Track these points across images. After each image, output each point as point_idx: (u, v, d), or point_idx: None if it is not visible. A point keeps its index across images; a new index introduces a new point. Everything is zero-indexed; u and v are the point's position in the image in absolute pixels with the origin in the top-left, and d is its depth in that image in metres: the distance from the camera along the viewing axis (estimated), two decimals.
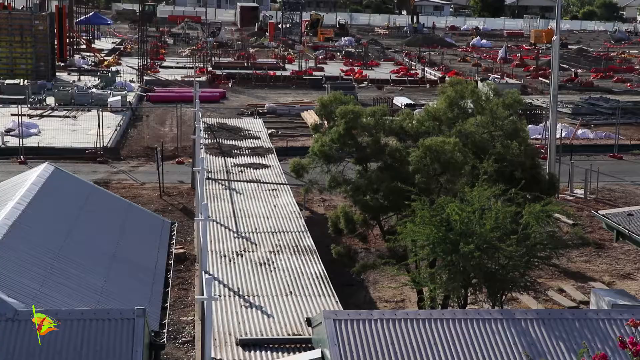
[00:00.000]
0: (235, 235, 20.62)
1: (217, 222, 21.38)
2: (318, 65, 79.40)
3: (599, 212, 25.30)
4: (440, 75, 70.93)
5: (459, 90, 22.82)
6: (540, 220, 17.64)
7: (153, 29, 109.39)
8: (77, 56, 78.38)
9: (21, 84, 56.04)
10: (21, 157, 38.68)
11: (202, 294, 14.00)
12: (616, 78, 76.55)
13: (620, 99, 60.60)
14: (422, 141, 20.39)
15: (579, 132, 47.35)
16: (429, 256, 18.00)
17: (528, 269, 17.87)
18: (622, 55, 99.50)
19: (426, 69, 76.76)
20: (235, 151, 29.93)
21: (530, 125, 39.19)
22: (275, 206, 23.22)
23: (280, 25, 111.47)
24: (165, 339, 14.47)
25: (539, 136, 43.64)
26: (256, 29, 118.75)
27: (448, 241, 17.02)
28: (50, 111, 50.22)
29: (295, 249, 19.69)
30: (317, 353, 13.32)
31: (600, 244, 28.96)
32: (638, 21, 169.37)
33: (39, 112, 49.50)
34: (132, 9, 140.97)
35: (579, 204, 34.13)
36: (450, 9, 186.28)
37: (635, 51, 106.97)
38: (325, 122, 24.45)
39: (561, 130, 42.74)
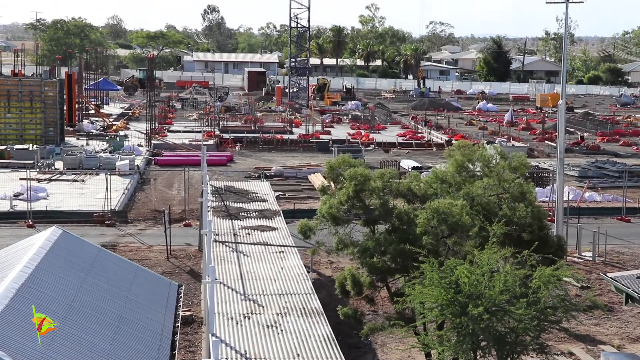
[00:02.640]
0: (243, 297, 20.52)
1: (224, 285, 21.30)
2: (325, 128, 79.89)
3: (607, 274, 25.14)
4: (447, 139, 71.22)
5: (467, 154, 22.95)
6: (549, 284, 17.56)
7: (151, 92, 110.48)
8: (85, 121, 79.07)
9: (30, 148, 56.45)
10: (29, 220, 38.77)
11: (209, 357, 13.90)
12: (622, 142, 76.79)
13: (627, 162, 60.71)
14: (430, 203, 20.43)
15: (586, 195, 47.33)
16: (438, 318, 17.89)
17: (538, 332, 17.72)
18: (628, 119, 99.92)
19: (432, 132, 77.12)
20: (243, 214, 29.94)
21: (537, 188, 39.20)
22: (282, 268, 23.14)
23: (287, 90, 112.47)
24: None
25: (546, 199, 43.65)
26: (263, 93, 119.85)
27: (457, 303, 16.93)
28: (58, 175, 50.47)
29: (303, 312, 19.58)
30: None
31: (609, 307, 28.74)
32: None
33: (47, 176, 49.75)
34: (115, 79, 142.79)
35: (587, 267, 33.98)
36: (456, 73, 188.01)
37: None
38: (333, 185, 24.55)
39: (568, 193, 42.73)
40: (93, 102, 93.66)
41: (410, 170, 49.56)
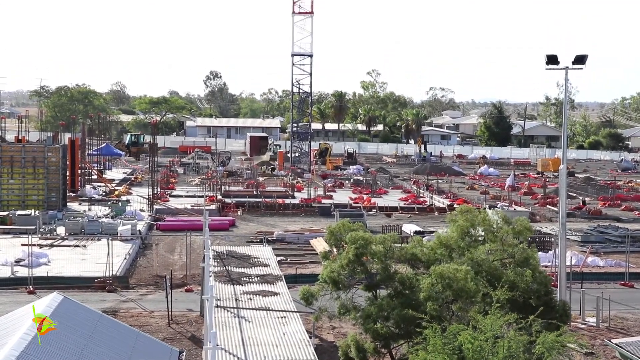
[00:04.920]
0: None
1: (226, 351, 21.14)
2: (327, 193, 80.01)
3: (612, 340, 24.95)
4: (449, 203, 71.25)
5: (470, 219, 22.97)
6: (553, 350, 17.42)
7: (143, 155, 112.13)
8: (88, 186, 79.23)
9: (32, 214, 56.44)
10: (30, 286, 38.61)
11: None
12: (624, 206, 76.75)
13: (629, 227, 60.61)
14: (435, 268, 20.38)
15: (589, 260, 47.17)
16: None
17: None
18: (629, 184, 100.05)
19: (434, 196, 77.20)
20: (245, 279, 29.85)
21: (539, 253, 39.06)
22: (284, 334, 22.99)
23: (289, 154, 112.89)
24: None
25: (549, 264, 43.49)
26: (267, 157, 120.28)
27: None
28: (60, 241, 50.40)
29: None
30: None
31: None
32: None
33: (49, 241, 49.67)
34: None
35: (591, 332, 33.70)
36: (458, 138, 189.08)
37: None
38: (334, 250, 24.53)
39: (571, 258, 42.59)
40: (96, 168, 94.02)
41: (412, 234, 49.48)
